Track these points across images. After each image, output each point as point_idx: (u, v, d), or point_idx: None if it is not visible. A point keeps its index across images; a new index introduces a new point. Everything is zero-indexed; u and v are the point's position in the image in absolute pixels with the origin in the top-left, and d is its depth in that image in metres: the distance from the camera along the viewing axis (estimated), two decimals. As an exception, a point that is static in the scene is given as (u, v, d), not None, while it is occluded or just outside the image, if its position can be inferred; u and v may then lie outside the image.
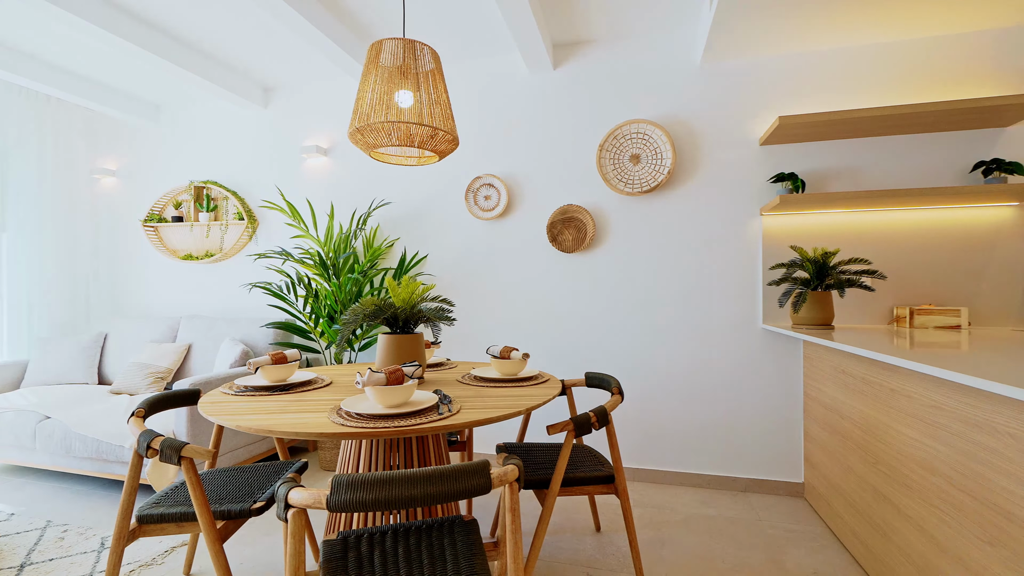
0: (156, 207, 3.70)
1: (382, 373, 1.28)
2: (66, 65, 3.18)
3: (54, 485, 2.72)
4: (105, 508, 2.45)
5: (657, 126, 2.69)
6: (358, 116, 1.63)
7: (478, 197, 3.02)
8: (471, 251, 3.08)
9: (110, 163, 3.91)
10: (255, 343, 3.08)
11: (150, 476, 2.32)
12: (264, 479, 1.69)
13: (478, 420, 1.24)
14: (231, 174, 3.59)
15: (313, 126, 3.42)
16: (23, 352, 3.41)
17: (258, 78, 3.36)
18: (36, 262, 3.48)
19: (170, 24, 2.69)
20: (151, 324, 3.39)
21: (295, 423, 1.21)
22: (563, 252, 2.89)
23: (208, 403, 1.44)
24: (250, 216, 3.49)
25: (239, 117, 3.59)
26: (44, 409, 2.66)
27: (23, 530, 2.23)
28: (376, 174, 3.28)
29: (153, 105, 3.78)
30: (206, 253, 3.61)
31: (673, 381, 2.74)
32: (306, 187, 3.43)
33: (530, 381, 1.74)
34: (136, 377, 3.02)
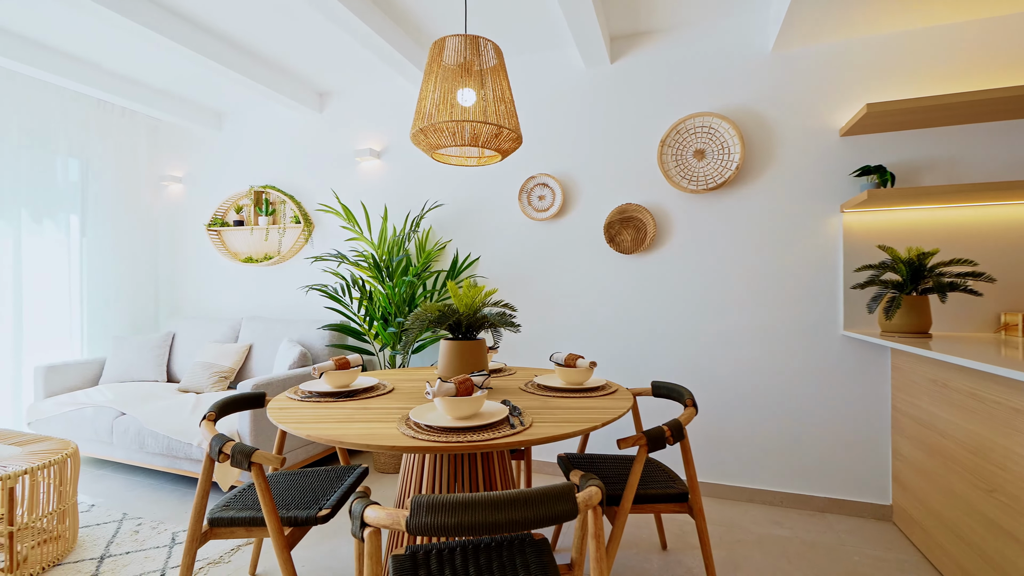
0: (219, 212, 3.85)
1: (452, 383, 1.23)
2: (136, 76, 3.34)
3: (128, 478, 2.86)
4: (174, 503, 2.55)
5: (724, 119, 2.53)
6: (421, 116, 1.59)
7: (532, 197, 2.94)
8: (524, 253, 3.01)
9: (176, 170, 4.10)
10: (311, 344, 3.13)
11: (216, 474, 2.39)
12: (327, 484, 1.68)
13: (552, 436, 1.16)
14: (288, 178, 3.68)
15: (366, 129, 3.45)
16: (101, 350, 3.61)
17: (313, 83, 3.42)
18: (112, 265, 3.69)
19: (231, 33, 2.76)
20: (214, 324, 3.52)
21: (365, 434, 1.17)
22: (621, 253, 2.77)
23: (276, 409, 1.44)
24: (306, 219, 3.56)
25: (295, 122, 3.68)
26: (120, 405, 2.79)
27: (102, 522, 2.34)
28: (428, 175, 3.26)
29: (216, 113, 3.93)
30: (265, 256, 3.72)
31: (741, 389, 2.57)
32: (360, 190, 3.46)
33: (598, 392, 1.64)
34: (201, 376, 3.13)
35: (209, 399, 2.87)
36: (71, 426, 2.86)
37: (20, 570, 1.88)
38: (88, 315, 3.57)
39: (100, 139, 3.60)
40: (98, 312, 3.61)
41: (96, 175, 3.60)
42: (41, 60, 2.92)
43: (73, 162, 3.51)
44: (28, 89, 3.18)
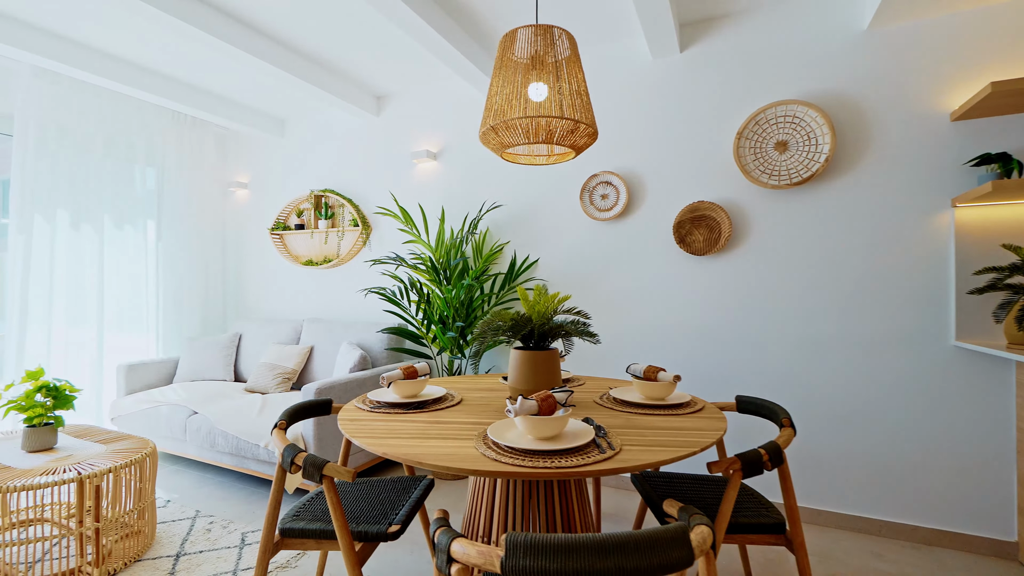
0: (281, 216, 3.95)
1: (534, 401, 1.13)
2: (206, 87, 3.47)
3: (200, 475, 2.96)
4: (242, 502, 2.60)
5: (810, 106, 2.30)
6: (492, 113, 1.50)
7: (594, 196, 2.81)
8: (585, 254, 2.88)
9: (242, 176, 4.25)
10: (370, 347, 3.13)
11: (282, 476, 2.41)
12: (394, 497, 1.63)
13: (649, 463, 1.04)
14: (346, 182, 3.72)
15: (423, 131, 3.42)
16: (174, 350, 3.79)
17: (371, 86, 3.43)
18: (184, 268, 3.86)
19: (294, 39, 2.80)
20: (277, 326, 3.61)
21: (444, 454, 1.09)
22: (692, 255, 2.59)
23: (347, 421, 1.39)
24: (364, 222, 3.58)
25: (353, 126, 3.71)
26: (192, 404, 2.90)
27: (177, 518, 2.41)
28: (486, 176, 3.20)
29: (279, 120, 4.04)
30: (324, 259, 3.78)
31: (832, 405, 2.33)
32: (417, 192, 3.44)
33: (685, 409, 1.50)
34: (266, 377, 3.20)
35: (274, 400, 2.93)
36: (149, 423, 3.00)
37: (105, 564, 1.95)
38: (163, 316, 3.75)
39: (174, 148, 3.77)
40: (172, 313, 3.79)
41: (170, 182, 3.78)
42: (122, 74, 3.07)
43: (150, 171, 3.69)
44: (111, 103, 3.37)
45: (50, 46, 2.75)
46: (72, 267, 3.21)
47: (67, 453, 2.05)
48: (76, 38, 2.81)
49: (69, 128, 3.17)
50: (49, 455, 2.03)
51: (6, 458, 1.99)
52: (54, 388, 2.12)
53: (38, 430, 2.07)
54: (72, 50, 2.84)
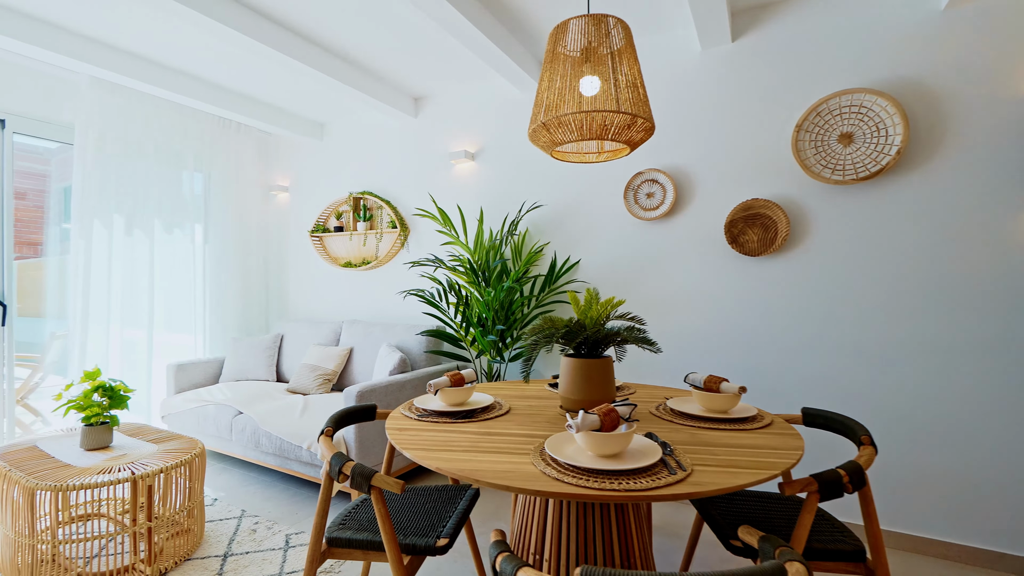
0: (321, 218, 4.00)
1: (596, 416, 1.06)
2: (250, 93, 3.53)
3: (245, 474, 3.01)
4: (285, 502, 2.62)
5: (879, 95, 2.13)
6: (543, 110, 1.43)
7: (639, 195, 2.70)
8: (629, 255, 2.78)
9: (283, 179, 4.33)
10: (409, 349, 3.12)
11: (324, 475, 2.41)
12: (440, 507, 1.58)
13: (729, 487, 0.95)
14: (384, 184, 3.72)
15: (460, 131, 3.39)
16: (220, 350, 3.89)
17: (408, 88, 3.42)
18: (229, 270, 3.96)
19: (333, 42, 2.80)
20: (317, 327, 3.65)
21: (502, 471, 1.03)
22: (746, 255, 2.45)
23: (396, 431, 1.35)
24: (402, 224, 3.58)
25: (391, 128, 3.71)
26: (237, 404, 2.95)
27: (224, 517, 2.45)
28: (525, 175, 3.13)
29: (318, 124, 4.09)
30: (363, 260, 3.80)
31: (906, 418, 2.16)
32: (455, 193, 3.41)
33: (751, 423, 1.39)
34: (307, 378, 3.24)
35: (315, 401, 2.95)
36: (197, 422, 3.07)
37: (157, 563, 1.98)
38: (209, 317, 3.85)
39: (220, 153, 3.87)
40: (217, 314, 3.89)
41: (216, 187, 3.88)
42: (172, 82, 3.16)
43: (198, 176, 3.80)
44: (162, 111, 3.47)
45: (106, 57, 2.85)
46: (126, 270, 3.33)
47: (122, 452, 2.11)
48: (130, 48, 2.90)
49: (123, 136, 3.28)
50: (105, 453, 2.09)
51: (67, 456, 2.06)
52: (109, 388, 2.18)
53: (95, 429, 2.13)
54: (126, 60, 2.94)
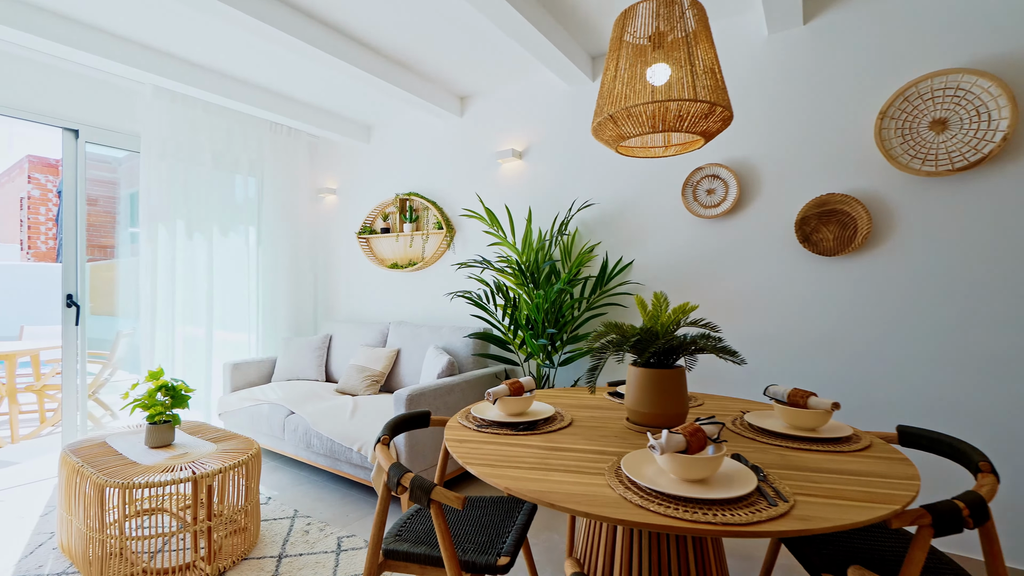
0: (368, 220, 4.03)
1: (681, 436, 0.95)
2: (300, 97, 3.59)
3: (297, 473, 3.05)
4: (336, 503, 2.63)
5: (980, 75, 1.90)
6: (610, 101, 1.34)
7: (698, 192, 2.55)
8: (686, 256, 2.63)
9: (331, 182, 4.40)
10: (456, 351, 3.08)
11: (375, 481, 2.39)
12: (498, 519, 1.52)
13: (844, 524, 0.82)
14: (431, 185, 3.71)
15: (508, 130, 3.32)
16: (271, 349, 3.98)
17: (454, 87, 3.38)
18: (280, 272, 4.05)
19: (380, 41, 2.79)
20: (364, 328, 3.67)
21: (578, 494, 0.94)
22: (820, 255, 2.26)
23: (455, 441, 1.29)
24: (448, 225, 3.55)
25: (437, 129, 3.69)
26: (289, 404, 2.99)
27: (278, 516, 2.48)
28: (575, 173, 3.03)
29: (365, 126, 4.13)
30: (409, 262, 3.80)
31: (1017, 438, 1.92)
32: (502, 193, 3.35)
33: (847, 444, 1.24)
34: (356, 379, 3.25)
35: (364, 402, 2.95)
36: (251, 420, 3.14)
37: (216, 561, 2.01)
38: (261, 317, 3.95)
39: (271, 157, 3.97)
40: (269, 314, 3.99)
41: (268, 191, 3.98)
42: (228, 89, 3.25)
43: (251, 180, 3.90)
44: (217, 117, 3.59)
45: (168, 66, 2.95)
46: (187, 271, 3.45)
47: (183, 451, 2.15)
48: (189, 57, 2.99)
49: (183, 143, 3.41)
50: (168, 452, 2.14)
51: (132, 453, 2.13)
52: (172, 388, 2.24)
53: (158, 427, 2.19)
54: (186, 69, 3.04)
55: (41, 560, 2.09)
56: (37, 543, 2.22)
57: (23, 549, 2.17)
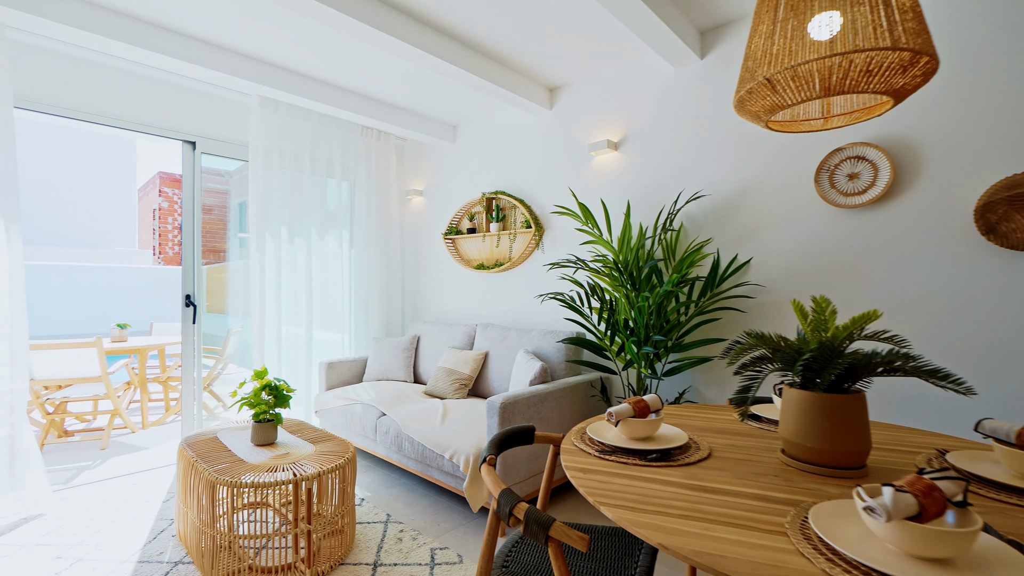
0: (454, 220, 3.99)
1: (910, 495, 0.70)
2: (389, 99, 3.62)
3: (388, 475, 3.05)
4: (427, 510, 2.56)
5: None
6: (766, 62, 1.09)
7: (837, 177, 2.17)
8: (820, 252, 2.25)
9: (418, 184, 4.43)
10: (548, 356, 2.91)
11: (467, 491, 2.29)
12: (617, 558, 1.31)
13: None
14: (517, 182, 3.58)
15: (601, 120, 3.10)
16: (363, 350, 4.07)
17: (544, 78, 3.21)
18: (370, 273, 4.13)
19: (469, 34, 2.69)
20: (451, 330, 3.62)
21: (763, 563, 0.72)
22: (1010, 249, 1.80)
23: (578, 472, 1.10)
24: (536, 223, 3.39)
25: (525, 124, 3.55)
26: (381, 405, 2.99)
27: (371, 520, 2.45)
28: (679, 163, 2.74)
29: (451, 126, 4.09)
30: (496, 262, 3.69)
31: None
32: (595, 187, 3.13)
33: None
34: (444, 382, 3.19)
35: (453, 407, 2.87)
36: (345, 420, 3.19)
37: (316, 565, 2.00)
38: (353, 317, 4.05)
39: (363, 161, 4.05)
40: (361, 314, 4.08)
41: (360, 194, 4.07)
42: (324, 95, 3.34)
43: (344, 184, 4.01)
44: (316, 124, 3.71)
45: (271, 75, 3.07)
46: (289, 274, 3.60)
47: (285, 451, 2.18)
48: (287, 65, 3.10)
49: (285, 151, 3.56)
50: (271, 451, 2.18)
51: (239, 450, 2.18)
52: (275, 388, 2.28)
53: (263, 426, 2.24)
54: (287, 77, 3.15)
55: (162, 547, 2.20)
56: (159, 529, 2.36)
57: (147, 534, 2.31)
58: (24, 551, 2.15)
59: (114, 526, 2.38)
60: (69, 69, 2.83)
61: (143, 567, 2.05)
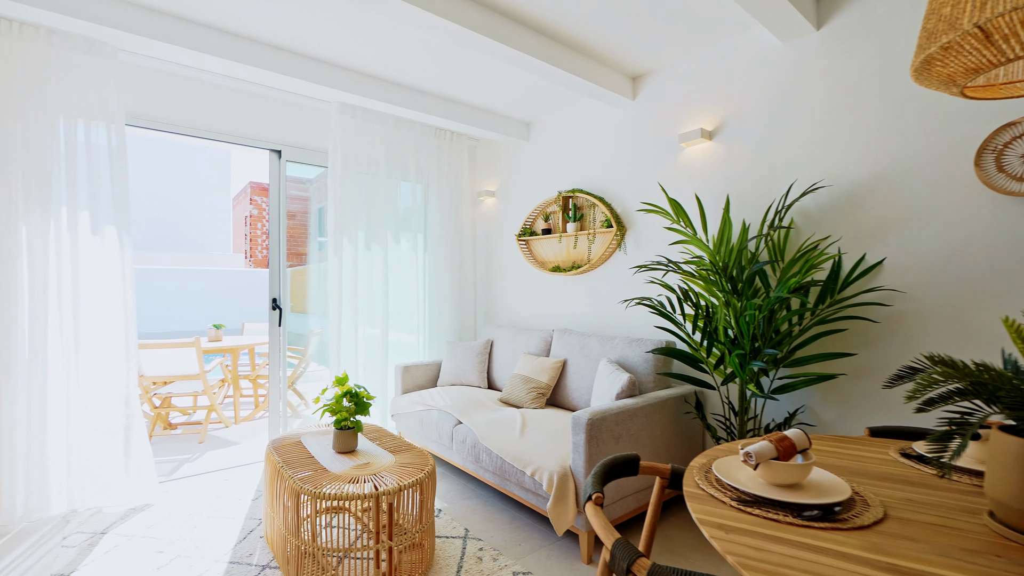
0: (528, 221, 3.85)
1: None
2: (462, 98, 3.54)
3: (464, 484, 2.96)
4: (505, 526, 2.43)
5: None
6: (970, 6, 0.82)
7: (1006, 158, 1.77)
8: (978, 251, 1.86)
9: (490, 184, 4.33)
10: (634, 366, 2.68)
11: (552, 513, 2.13)
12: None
13: None
14: (597, 180, 3.36)
15: (693, 107, 2.82)
16: (437, 353, 4.03)
17: (627, 66, 2.98)
18: (443, 276, 4.09)
19: (546, 20, 2.52)
20: (525, 335, 3.47)
21: None
22: None
23: (714, 527, 0.90)
24: (618, 222, 3.17)
25: (605, 116, 3.33)
26: (457, 413, 2.90)
27: (449, 535, 2.36)
28: (789, 149, 2.41)
29: (524, 124, 3.96)
30: (573, 264, 3.50)
31: None
32: (685, 182, 2.86)
33: None
34: (520, 390, 3.06)
35: (532, 417, 2.72)
36: (421, 426, 3.15)
37: (395, 581, 1.93)
38: (427, 320, 4.03)
39: (435, 163, 4.02)
40: (435, 317, 4.05)
41: (433, 196, 4.04)
42: (400, 98, 3.32)
43: (419, 187, 4.00)
44: (391, 128, 3.72)
45: (349, 81, 3.09)
46: (366, 277, 3.64)
47: (365, 460, 2.13)
48: (364, 69, 3.10)
49: (362, 156, 3.59)
50: (352, 459, 2.14)
51: (322, 456, 2.17)
52: (355, 395, 2.25)
53: (344, 433, 2.22)
54: (364, 82, 3.16)
55: (251, 548, 2.24)
56: (248, 529, 2.41)
57: (238, 533, 2.37)
58: (131, 543, 2.27)
59: (210, 523, 2.47)
60: (169, 86, 3.00)
61: (234, 568, 2.08)
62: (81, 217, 2.59)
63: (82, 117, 2.57)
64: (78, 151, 2.57)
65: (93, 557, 2.15)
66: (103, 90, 2.60)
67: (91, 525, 2.44)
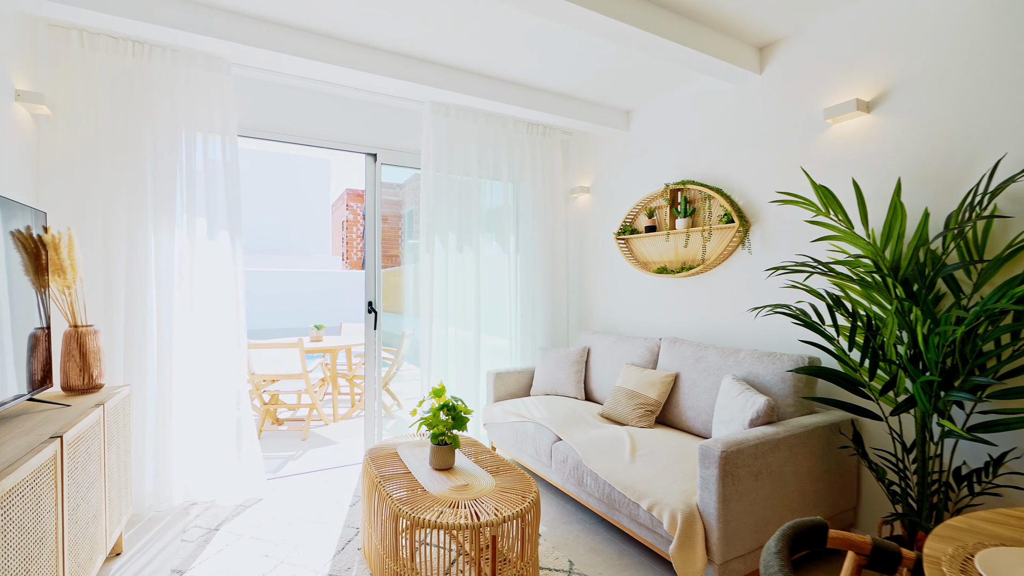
0: (628, 218, 3.52)
1: None
2: (552, 87, 3.29)
3: (563, 506, 2.72)
4: (614, 563, 2.15)
5: None
6: None
7: None
8: None
9: (584, 180, 4.05)
10: (767, 386, 2.27)
11: (676, 558, 1.82)
12: None
13: None
14: (713, 169, 2.96)
15: (841, 75, 2.34)
16: (529, 359, 3.83)
17: (752, 34, 2.56)
18: (535, 278, 3.88)
19: (677, -11, 2.19)
20: (627, 344, 3.15)
21: None
22: None
23: None
24: (740, 217, 2.74)
25: (723, 95, 2.92)
26: (555, 428, 2.67)
27: (552, 567, 2.13)
28: (984, 122, 1.88)
29: (623, 112, 3.63)
30: (682, 265, 3.12)
31: None
32: (831, 167, 2.38)
33: None
34: (625, 405, 2.75)
35: (641, 438, 2.41)
36: (516, 438, 2.96)
37: (498, 621, 1.73)
38: (519, 325, 3.84)
39: (527, 160, 3.82)
40: (527, 321, 3.85)
41: (525, 195, 3.85)
42: (491, 91, 3.15)
43: (510, 185, 3.82)
44: (483, 125, 3.58)
45: (440, 76, 2.97)
46: (456, 278, 3.53)
47: (464, 481, 1.97)
48: (454, 63, 2.96)
49: (454, 155, 3.48)
50: (450, 479, 1.99)
51: (418, 472, 2.04)
52: (452, 408, 2.10)
53: (442, 449, 2.07)
54: (457, 77, 3.03)
55: (349, 561, 2.17)
56: (346, 539, 2.37)
57: (336, 543, 2.32)
58: (240, 543, 2.31)
59: (311, 527, 2.46)
60: (273, 96, 3.08)
61: (333, 582, 2.02)
62: (199, 224, 2.72)
63: (200, 131, 2.70)
64: (197, 162, 2.70)
65: (207, 555, 2.21)
66: (219, 104, 2.71)
67: (206, 519, 2.53)
